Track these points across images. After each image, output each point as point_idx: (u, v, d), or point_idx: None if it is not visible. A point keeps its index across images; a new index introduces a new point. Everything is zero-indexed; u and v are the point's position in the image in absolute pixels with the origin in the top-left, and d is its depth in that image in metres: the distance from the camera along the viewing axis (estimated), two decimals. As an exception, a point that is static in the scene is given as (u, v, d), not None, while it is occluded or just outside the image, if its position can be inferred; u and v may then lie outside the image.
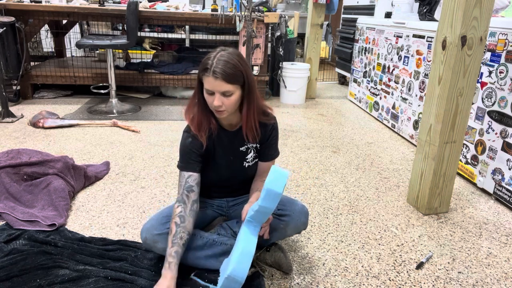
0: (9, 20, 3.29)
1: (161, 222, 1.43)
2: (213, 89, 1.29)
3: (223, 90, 1.29)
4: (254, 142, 1.50)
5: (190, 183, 1.41)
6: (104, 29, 5.49)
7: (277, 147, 1.58)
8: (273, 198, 1.27)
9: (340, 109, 4.09)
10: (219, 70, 1.26)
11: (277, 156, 1.59)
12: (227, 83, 1.28)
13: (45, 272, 1.42)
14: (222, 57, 1.28)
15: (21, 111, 3.41)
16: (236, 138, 1.49)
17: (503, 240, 1.84)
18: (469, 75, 1.81)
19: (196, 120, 1.42)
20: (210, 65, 1.27)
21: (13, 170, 1.98)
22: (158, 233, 1.40)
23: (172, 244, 1.32)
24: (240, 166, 1.53)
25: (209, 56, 1.31)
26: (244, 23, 3.60)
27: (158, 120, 3.40)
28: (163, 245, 1.39)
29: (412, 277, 1.56)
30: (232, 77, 1.28)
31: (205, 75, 1.29)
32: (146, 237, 1.41)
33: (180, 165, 1.46)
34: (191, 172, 1.43)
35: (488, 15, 1.72)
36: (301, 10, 5.66)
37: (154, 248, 1.43)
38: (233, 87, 1.30)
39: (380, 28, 3.65)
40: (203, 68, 1.30)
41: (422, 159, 2.01)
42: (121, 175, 2.31)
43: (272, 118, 1.52)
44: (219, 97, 1.30)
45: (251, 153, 1.53)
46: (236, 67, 1.29)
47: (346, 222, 1.93)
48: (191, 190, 1.40)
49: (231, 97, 1.31)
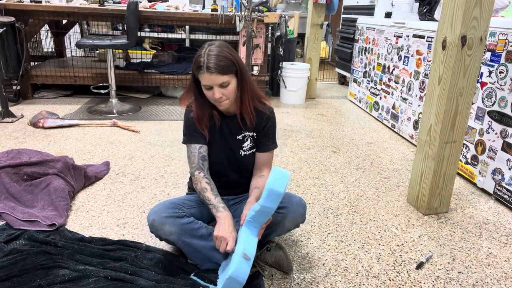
0: (9, 20, 3.29)
1: (169, 207, 1.46)
2: (210, 83, 1.36)
3: (220, 82, 1.36)
4: (250, 129, 1.54)
5: (202, 153, 1.50)
6: (104, 29, 5.49)
7: (274, 138, 1.60)
8: (275, 198, 1.29)
9: (340, 109, 4.09)
10: (212, 65, 1.33)
11: (275, 148, 1.61)
12: (222, 74, 1.35)
13: (45, 272, 1.42)
14: (212, 52, 1.35)
15: (21, 111, 3.41)
16: (233, 125, 1.54)
17: (503, 240, 1.84)
18: (469, 75, 1.81)
19: (197, 117, 1.50)
20: (203, 62, 1.34)
21: (13, 170, 1.98)
22: (167, 215, 1.42)
23: (214, 196, 1.44)
24: (237, 154, 1.56)
25: (199, 54, 1.37)
26: (244, 23, 3.60)
27: (158, 120, 3.40)
28: (170, 228, 1.41)
29: (412, 277, 1.56)
30: (225, 68, 1.35)
31: (200, 73, 1.36)
32: (154, 219, 1.42)
33: (186, 139, 1.54)
34: (200, 143, 1.51)
35: (488, 15, 1.72)
36: (301, 10, 5.66)
37: (160, 231, 1.42)
38: (228, 77, 1.38)
39: (380, 28, 3.65)
40: (196, 66, 1.37)
41: (422, 159, 2.01)
42: (121, 175, 2.31)
43: (268, 108, 1.57)
44: (218, 89, 1.38)
45: (248, 141, 1.56)
46: (227, 58, 1.36)
47: (346, 222, 1.93)
48: (204, 159, 1.51)
49: (229, 86, 1.39)
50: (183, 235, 1.43)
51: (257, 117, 1.53)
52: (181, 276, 1.46)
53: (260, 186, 1.51)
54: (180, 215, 1.45)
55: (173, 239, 1.43)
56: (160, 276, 1.43)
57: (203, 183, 1.46)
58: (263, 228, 1.41)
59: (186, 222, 1.44)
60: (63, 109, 3.54)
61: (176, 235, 1.42)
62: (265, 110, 1.55)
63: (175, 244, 1.46)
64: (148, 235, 1.73)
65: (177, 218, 1.43)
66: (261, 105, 1.55)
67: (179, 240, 1.44)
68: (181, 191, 2.14)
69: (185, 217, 1.46)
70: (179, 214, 1.45)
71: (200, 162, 1.49)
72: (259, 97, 1.54)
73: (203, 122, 1.50)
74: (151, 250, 1.59)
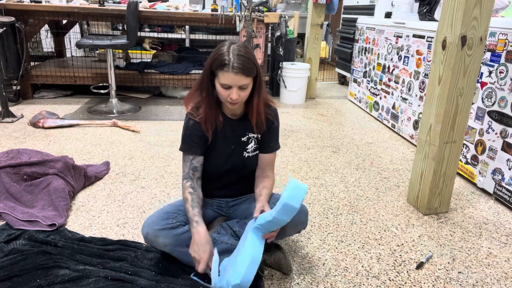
0: (9, 20, 3.29)
1: (162, 218, 1.44)
2: (232, 83, 1.32)
3: (242, 83, 1.33)
4: (255, 131, 1.54)
5: (194, 164, 1.50)
6: (104, 29, 5.50)
7: (277, 139, 1.60)
8: (289, 212, 1.27)
9: (340, 109, 4.09)
10: (239, 65, 1.30)
11: (278, 149, 1.61)
12: (246, 76, 1.33)
13: (45, 272, 1.42)
14: (239, 52, 1.32)
15: (21, 111, 3.41)
16: (238, 127, 1.52)
17: (503, 240, 1.84)
18: (469, 75, 1.81)
19: (204, 116, 1.45)
20: (228, 60, 1.30)
21: (13, 170, 1.98)
22: (160, 228, 1.41)
23: (192, 208, 1.42)
24: (240, 156, 1.55)
25: (221, 51, 1.33)
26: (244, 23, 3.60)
27: (158, 120, 3.40)
28: (164, 240, 1.40)
29: (412, 277, 1.56)
30: (249, 70, 1.33)
31: (223, 71, 1.31)
32: (148, 232, 1.42)
33: (182, 147, 1.52)
34: (194, 155, 1.50)
35: (488, 15, 1.72)
36: (301, 10, 5.66)
37: (155, 243, 1.43)
38: (249, 80, 1.36)
39: (380, 28, 3.65)
40: (219, 64, 1.32)
41: (422, 159, 2.01)
42: (121, 175, 2.31)
43: (273, 110, 1.56)
44: (236, 90, 1.34)
45: (252, 143, 1.56)
46: (251, 60, 1.34)
47: (346, 222, 1.93)
48: (195, 170, 1.50)
49: (247, 89, 1.37)
50: (177, 246, 1.43)
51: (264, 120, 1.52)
52: (181, 276, 1.45)
53: (269, 187, 1.51)
54: (174, 226, 1.43)
55: (168, 250, 1.43)
56: (160, 276, 1.43)
57: (186, 193, 1.45)
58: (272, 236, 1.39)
59: (180, 233, 1.43)
60: (63, 109, 3.54)
61: (170, 247, 1.42)
62: (270, 112, 1.54)
63: (171, 254, 1.45)
64: (148, 235, 1.73)
65: (171, 230, 1.42)
66: (267, 110, 1.53)
67: (174, 250, 1.43)
68: (181, 191, 2.14)
69: (180, 226, 1.44)
70: (173, 225, 1.43)
71: (191, 172, 1.49)
72: (267, 100, 1.52)
73: (209, 123, 1.46)
74: (151, 250, 1.59)
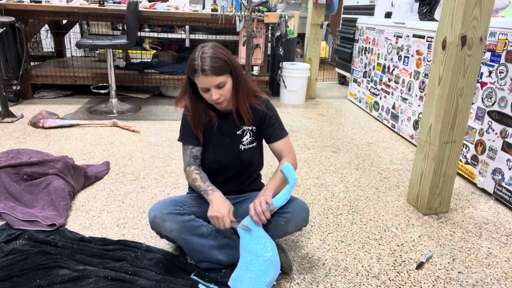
0: (9, 20, 3.29)
1: (170, 204, 1.47)
2: (207, 85, 1.38)
3: (216, 83, 1.37)
4: (249, 124, 1.56)
5: (194, 153, 1.55)
6: (104, 29, 5.49)
7: (282, 126, 1.60)
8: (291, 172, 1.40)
9: (340, 109, 4.09)
10: (207, 67, 1.34)
11: (287, 135, 1.60)
12: (218, 75, 1.36)
13: (45, 272, 1.42)
14: (205, 54, 1.36)
15: (21, 111, 3.41)
16: (232, 121, 1.54)
17: (503, 240, 1.84)
18: (469, 75, 1.81)
19: (192, 119, 1.52)
20: (197, 65, 1.35)
21: (13, 170, 1.98)
22: (168, 212, 1.43)
23: (203, 182, 1.46)
24: (236, 149, 1.57)
25: (192, 57, 1.38)
26: (244, 23, 3.59)
27: (158, 120, 3.40)
28: (171, 224, 1.42)
29: (412, 277, 1.56)
30: (220, 69, 1.36)
31: (196, 76, 1.37)
32: (156, 215, 1.42)
33: (181, 138, 1.58)
34: (192, 145, 1.55)
35: (488, 15, 1.72)
36: (301, 10, 5.66)
37: (161, 227, 1.42)
38: (224, 77, 1.38)
39: (380, 28, 3.65)
40: (191, 70, 1.38)
41: (422, 159, 2.01)
42: (121, 175, 2.31)
43: (263, 101, 1.57)
44: (215, 90, 1.39)
45: (247, 135, 1.57)
46: (221, 59, 1.37)
47: (346, 222, 1.93)
48: (196, 158, 1.55)
49: (225, 86, 1.40)
50: (183, 233, 1.43)
51: (253, 113, 1.54)
52: (181, 276, 1.46)
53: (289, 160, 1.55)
54: (181, 212, 1.45)
55: (173, 236, 1.43)
56: (160, 276, 1.43)
57: (194, 174, 1.49)
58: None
59: (187, 220, 1.45)
60: (63, 109, 3.54)
61: (176, 232, 1.43)
62: (260, 104, 1.56)
63: (175, 241, 1.46)
64: (148, 235, 1.73)
65: (178, 215, 1.44)
66: (256, 101, 1.55)
67: (180, 237, 1.44)
68: (181, 191, 2.14)
69: (186, 214, 1.46)
70: (180, 211, 1.45)
71: (192, 160, 1.54)
72: (254, 92, 1.55)
73: (198, 126, 1.52)
74: (151, 250, 1.59)
